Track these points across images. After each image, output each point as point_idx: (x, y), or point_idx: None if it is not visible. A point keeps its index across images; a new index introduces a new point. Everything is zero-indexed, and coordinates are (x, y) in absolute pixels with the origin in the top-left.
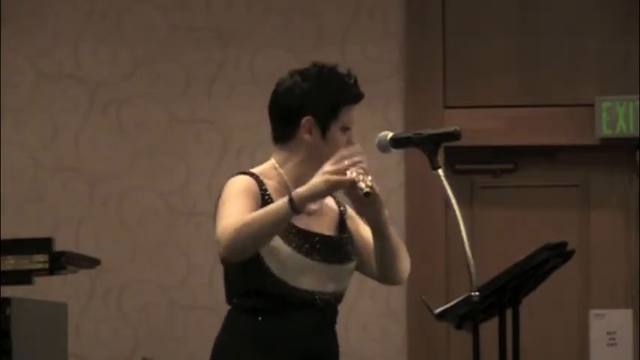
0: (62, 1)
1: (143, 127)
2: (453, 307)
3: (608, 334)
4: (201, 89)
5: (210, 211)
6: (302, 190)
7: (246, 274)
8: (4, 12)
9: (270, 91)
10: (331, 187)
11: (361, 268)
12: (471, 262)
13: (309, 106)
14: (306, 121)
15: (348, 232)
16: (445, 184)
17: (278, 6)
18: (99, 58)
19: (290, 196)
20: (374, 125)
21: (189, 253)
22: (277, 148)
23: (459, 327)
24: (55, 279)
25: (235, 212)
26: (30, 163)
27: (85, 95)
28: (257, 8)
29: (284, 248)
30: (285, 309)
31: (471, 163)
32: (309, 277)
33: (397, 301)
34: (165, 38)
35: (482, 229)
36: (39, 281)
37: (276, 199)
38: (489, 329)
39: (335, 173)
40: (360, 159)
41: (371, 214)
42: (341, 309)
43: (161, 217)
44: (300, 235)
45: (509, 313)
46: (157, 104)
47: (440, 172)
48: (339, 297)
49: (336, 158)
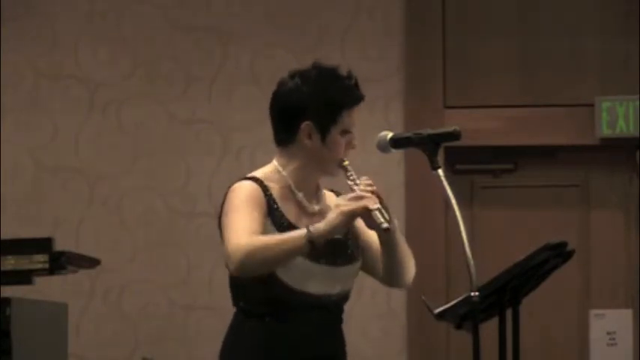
0: (62, 2)
1: (143, 127)
2: (452, 307)
3: (608, 334)
4: (201, 89)
5: (211, 212)
6: (320, 225)
7: (253, 279)
8: (4, 12)
9: (271, 91)
10: (347, 216)
11: (366, 268)
12: (471, 262)
13: (309, 111)
14: (305, 125)
15: (352, 232)
16: (445, 184)
17: (278, 6)
18: (99, 58)
19: (308, 229)
20: (374, 125)
21: (189, 253)
22: (279, 150)
23: (458, 327)
24: (55, 279)
25: (246, 227)
26: (30, 163)
27: (85, 95)
28: (257, 8)
29: None
30: (293, 312)
31: (471, 163)
32: (316, 281)
33: (397, 301)
34: (166, 38)
35: (483, 229)
36: (39, 281)
37: (282, 205)
38: (489, 329)
39: (348, 204)
40: (373, 188)
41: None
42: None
43: (161, 217)
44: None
45: (509, 313)
46: (157, 104)
47: (440, 172)
48: (345, 297)
49: (350, 196)
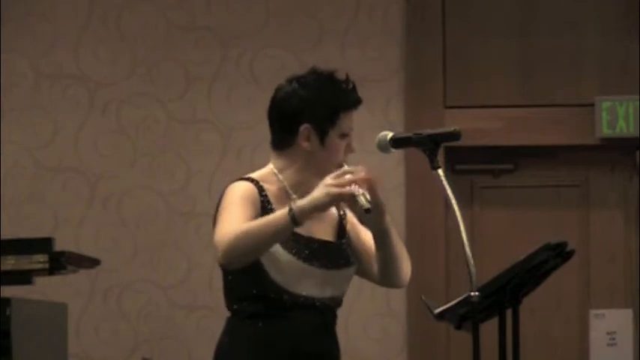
0: (62, 1)
1: (143, 127)
2: (452, 307)
3: (608, 334)
4: (201, 89)
5: (211, 212)
6: (303, 202)
7: (246, 280)
8: (4, 12)
9: (270, 91)
10: (332, 199)
11: (362, 272)
12: (471, 262)
13: (307, 114)
14: (304, 129)
15: (348, 236)
16: (445, 184)
17: (278, 6)
18: (99, 58)
19: (290, 207)
20: (374, 125)
21: (189, 253)
22: (276, 154)
23: (458, 327)
24: (55, 279)
25: (234, 220)
26: (30, 163)
27: (85, 95)
28: (257, 8)
29: (283, 255)
30: (285, 313)
31: (471, 163)
32: (309, 282)
33: (397, 301)
34: (166, 38)
35: (483, 229)
36: (39, 281)
37: (276, 206)
38: (489, 329)
39: (336, 186)
40: (362, 175)
41: (372, 223)
42: (341, 308)
43: (161, 217)
44: (299, 241)
45: (509, 313)
46: (157, 104)
47: (440, 172)
48: (338, 301)
49: (339, 172)
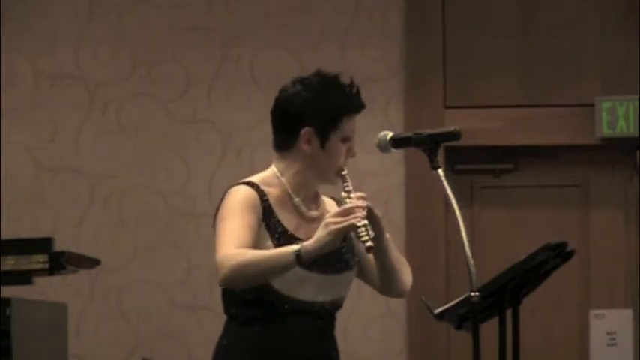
0: (62, 1)
1: (143, 127)
2: (452, 307)
3: (608, 334)
4: (201, 89)
5: (211, 212)
6: (309, 243)
7: None
8: (4, 12)
9: (270, 91)
10: (335, 235)
11: (364, 278)
12: (471, 262)
13: (309, 117)
14: (305, 131)
15: (349, 240)
16: (445, 184)
17: (278, 6)
18: (99, 58)
19: (298, 249)
20: (374, 125)
21: (189, 253)
22: (277, 155)
23: (458, 327)
24: (55, 279)
25: (235, 239)
26: (30, 163)
27: (85, 95)
28: (257, 8)
29: None
30: (283, 318)
31: (471, 163)
32: (307, 287)
33: (397, 301)
34: (166, 38)
35: (483, 229)
36: (39, 281)
37: (278, 210)
38: (489, 329)
39: (336, 222)
40: (361, 205)
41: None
42: (341, 310)
43: (161, 217)
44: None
45: (509, 313)
46: (156, 104)
47: (440, 172)
48: (337, 305)
49: (337, 211)
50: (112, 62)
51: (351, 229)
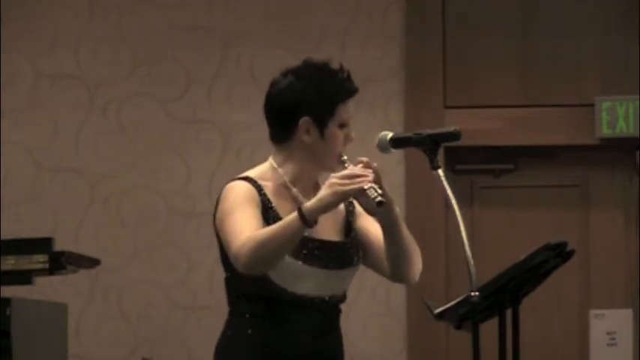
0: (62, 1)
1: (143, 127)
2: (452, 307)
3: (608, 334)
4: (201, 89)
5: (211, 212)
6: (311, 203)
7: (246, 280)
8: (4, 12)
9: None
10: (340, 196)
11: (372, 265)
12: (471, 262)
13: (305, 107)
14: (303, 121)
15: (353, 234)
16: (445, 184)
17: (278, 6)
18: (99, 58)
19: (300, 210)
20: (374, 125)
21: (189, 253)
22: (276, 148)
23: (458, 327)
24: (55, 279)
25: (247, 225)
26: (30, 163)
27: (85, 95)
28: (257, 8)
29: None
30: (286, 314)
31: (471, 163)
32: (309, 283)
33: (397, 301)
34: (166, 38)
35: (483, 229)
36: (39, 281)
37: (276, 202)
38: (489, 329)
39: (343, 184)
40: (369, 171)
41: (383, 216)
42: (341, 308)
43: (161, 217)
44: (299, 241)
45: (509, 313)
46: (156, 104)
47: (440, 172)
48: (340, 298)
49: (345, 172)
50: (112, 62)
51: (358, 193)
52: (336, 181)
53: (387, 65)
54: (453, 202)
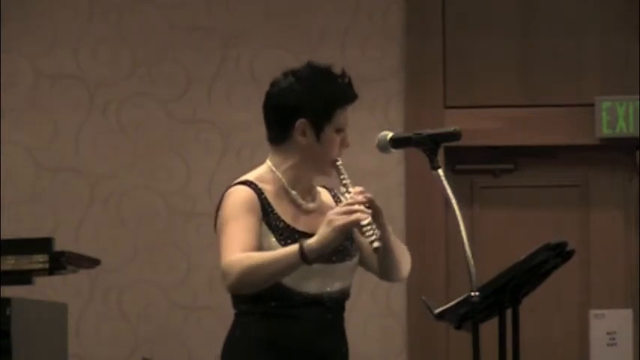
0: (62, 1)
1: (143, 127)
2: (452, 307)
3: (608, 334)
4: (201, 89)
5: (211, 211)
6: (313, 241)
7: None
8: (4, 12)
9: None
10: (340, 231)
11: (363, 264)
12: (471, 262)
13: (303, 109)
14: (300, 123)
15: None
16: (445, 184)
17: (278, 6)
18: (99, 58)
19: (301, 247)
20: (374, 125)
21: (189, 253)
22: (273, 149)
23: (458, 327)
24: (55, 279)
25: (239, 243)
26: (30, 163)
27: (85, 95)
28: (257, 8)
29: None
30: (293, 311)
31: (471, 163)
32: (314, 280)
33: (397, 301)
34: (166, 38)
35: (483, 229)
36: (39, 281)
37: (277, 206)
38: (489, 329)
39: (341, 219)
40: (362, 200)
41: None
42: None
43: (161, 217)
44: (299, 239)
45: (509, 313)
46: (156, 104)
47: (440, 172)
48: (346, 294)
49: (341, 208)
50: (112, 62)
51: (356, 226)
52: (334, 217)
53: (387, 65)
54: (453, 202)
